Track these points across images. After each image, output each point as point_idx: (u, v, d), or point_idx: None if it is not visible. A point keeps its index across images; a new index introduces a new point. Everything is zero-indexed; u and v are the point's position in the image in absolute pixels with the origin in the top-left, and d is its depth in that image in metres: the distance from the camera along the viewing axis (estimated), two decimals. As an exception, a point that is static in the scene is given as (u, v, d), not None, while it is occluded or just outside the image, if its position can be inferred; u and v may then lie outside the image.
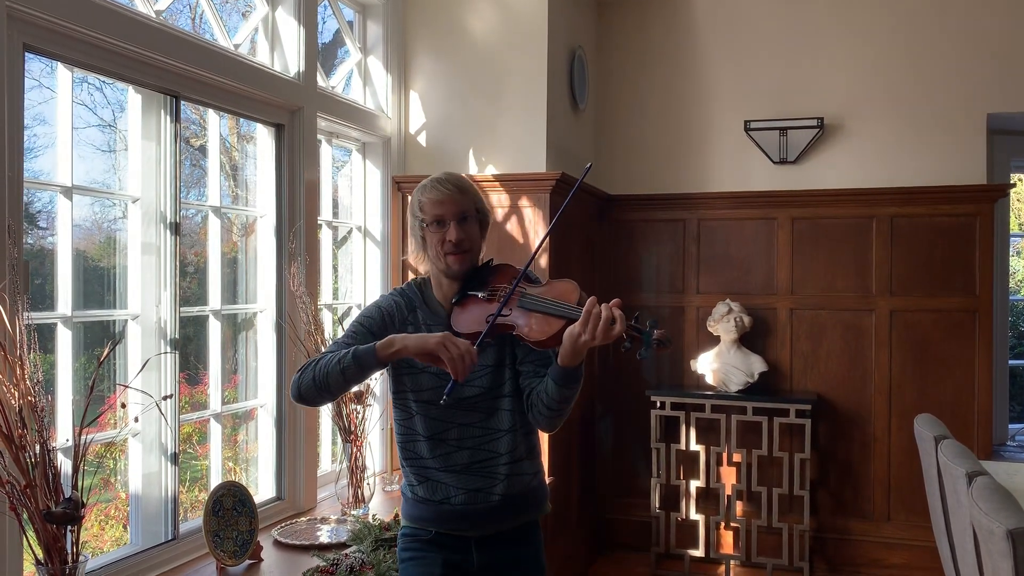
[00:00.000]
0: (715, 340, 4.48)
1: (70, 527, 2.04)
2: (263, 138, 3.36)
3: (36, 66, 2.50)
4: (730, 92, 4.62)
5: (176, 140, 2.79)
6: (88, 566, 2.23)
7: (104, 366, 2.34)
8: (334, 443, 3.80)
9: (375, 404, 3.70)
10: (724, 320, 4.36)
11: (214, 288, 3.15)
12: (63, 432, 2.39)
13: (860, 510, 4.41)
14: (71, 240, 2.51)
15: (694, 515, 4.47)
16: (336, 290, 3.99)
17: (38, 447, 2.03)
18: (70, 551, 2.05)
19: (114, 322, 2.77)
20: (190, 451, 3.62)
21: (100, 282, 2.84)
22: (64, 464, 2.15)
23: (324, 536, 3.01)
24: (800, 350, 4.49)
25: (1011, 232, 5.09)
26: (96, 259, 2.89)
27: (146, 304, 2.77)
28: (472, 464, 2.04)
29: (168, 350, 2.77)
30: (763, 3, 4.57)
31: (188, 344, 3.16)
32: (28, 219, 2.53)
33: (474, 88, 4.06)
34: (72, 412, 2.42)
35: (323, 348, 3.20)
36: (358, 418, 3.24)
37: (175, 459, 2.77)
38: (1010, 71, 4.22)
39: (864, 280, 4.40)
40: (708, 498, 4.47)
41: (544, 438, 3.86)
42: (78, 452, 2.07)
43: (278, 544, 2.93)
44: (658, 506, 4.47)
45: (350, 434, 3.22)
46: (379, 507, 3.37)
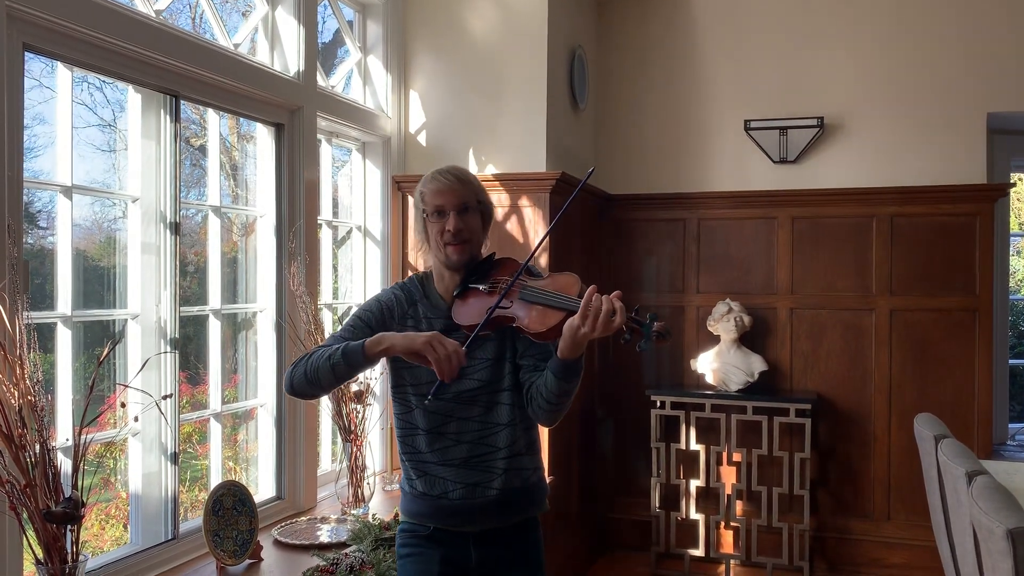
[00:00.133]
0: (715, 340, 4.48)
1: (70, 526, 2.04)
2: (263, 138, 3.36)
3: (36, 66, 2.50)
4: (730, 91, 4.62)
5: (176, 140, 2.79)
6: (88, 566, 2.23)
7: (104, 366, 2.34)
8: (334, 442, 3.80)
9: (375, 404, 3.70)
10: (724, 320, 4.36)
11: (214, 288, 3.15)
12: (63, 432, 2.39)
13: (860, 509, 4.41)
14: (71, 240, 2.51)
15: (694, 515, 4.47)
16: (336, 290, 3.99)
17: (38, 446, 2.03)
18: (70, 550, 2.05)
19: (114, 322, 2.77)
20: (190, 451, 3.62)
21: (100, 282, 2.84)
22: (64, 464, 2.15)
23: (324, 536, 3.01)
24: (800, 350, 4.49)
25: (1011, 231, 5.09)
26: (96, 259, 2.89)
27: (146, 304, 2.77)
28: (471, 458, 2.03)
29: (168, 350, 2.77)
30: (763, 2, 4.57)
31: (188, 344, 3.16)
32: (28, 219, 2.53)
33: (474, 88, 4.06)
34: (72, 412, 2.42)
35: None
36: (358, 418, 3.24)
37: (175, 459, 2.78)
38: (1010, 70, 4.22)
39: (864, 280, 4.40)
40: (708, 498, 4.47)
41: (544, 437, 3.86)
42: (78, 452, 2.07)
43: (278, 544, 2.93)
44: (658, 505, 4.47)
45: (350, 433, 3.22)
46: (379, 506, 3.37)
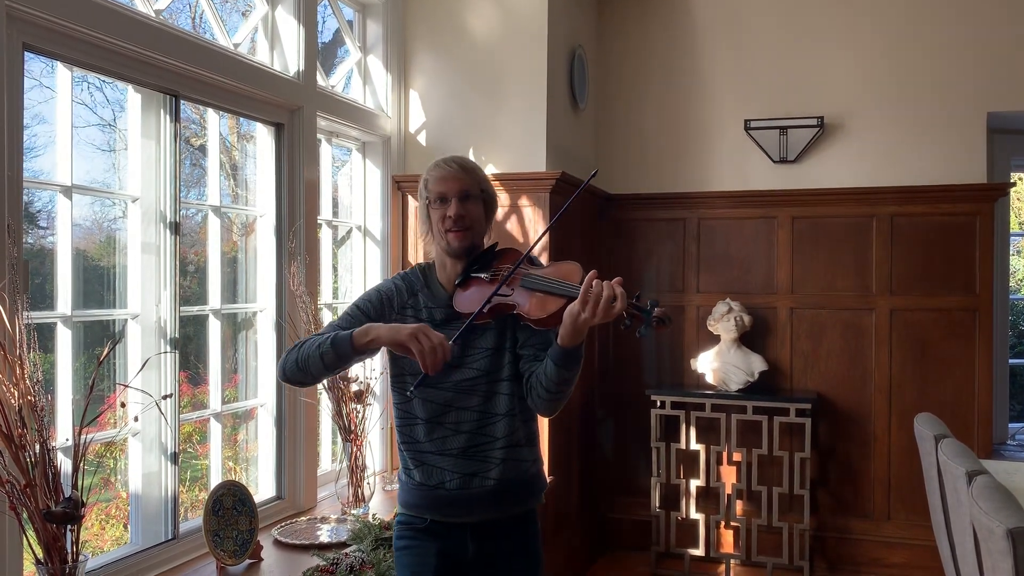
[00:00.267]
0: (715, 339, 4.48)
1: (70, 526, 2.04)
2: (263, 137, 3.36)
3: (36, 66, 2.50)
4: (730, 91, 4.62)
5: (176, 139, 2.79)
6: (88, 565, 2.23)
7: (104, 365, 2.34)
8: (334, 442, 3.80)
9: (375, 404, 3.70)
10: (724, 319, 4.36)
11: (214, 287, 3.15)
12: (63, 431, 2.39)
13: (860, 509, 4.41)
14: (71, 239, 2.51)
15: (694, 514, 4.47)
16: (336, 289, 3.99)
17: (38, 446, 2.03)
18: (70, 550, 2.05)
19: (114, 321, 2.77)
20: (190, 450, 3.62)
21: (100, 281, 2.84)
22: (64, 463, 2.15)
23: (324, 535, 3.01)
24: (800, 349, 4.49)
25: (1011, 231, 5.09)
26: (96, 258, 2.89)
27: (146, 303, 2.77)
28: (468, 448, 2.03)
29: (168, 349, 2.77)
30: (763, 2, 4.57)
31: (188, 343, 3.16)
32: (28, 218, 2.53)
33: (474, 87, 4.06)
34: (72, 411, 2.42)
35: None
36: (358, 417, 3.24)
37: (175, 458, 2.78)
38: (1010, 70, 4.22)
39: (864, 279, 4.40)
40: (708, 497, 4.47)
41: (544, 437, 3.86)
42: (78, 451, 2.07)
43: (278, 543, 2.93)
44: (658, 505, 4.47)
45: (350, 433, 3.22)
46: (379, 506, 3.37)
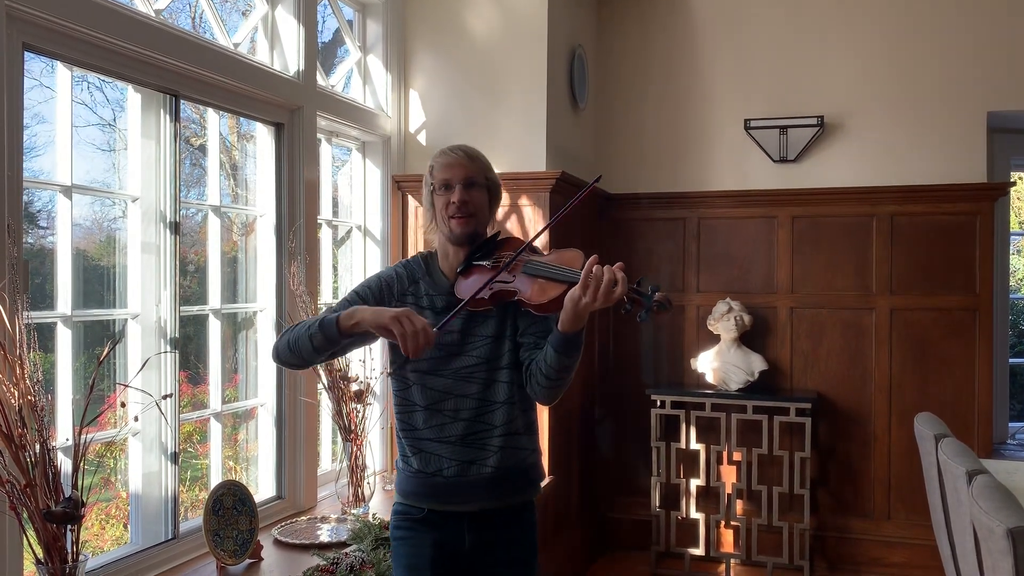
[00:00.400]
0: (715, 339, 4.48)
1: (70, 526, 2.04)
2: (263, 137, 3.36)
3: (36, 65, 2.50)
4: (730, 90, 4.61)
5: (176, 139, 2.79)
6: (88, 565, 2.24)
7: (104, 365, 2.34)
8: (334, 442, 3.80)
9: (375, 403, 3.70)
10: (724, 319, 4.36)
11: (214, 287, 3.15)
12: (63, 431, 2.39)
13: (860, 509, 4.41)
14: (71, 239, 2.51)
15: (694, 514, 4.47)
16: (336, 289, 3.99)
17: (38, 446, 2.03)
18: (70, 550, 2.05)
19: (114, 321, 2.77)
20: (190, 450, 3.62)
21: (100, 281, 2.84)
22: (64, 463, 2.15)
23: (324, 535, 3.01)
24: (800, 349, 4.49)
25: (1011, 230, 5.09)
26: (96, 258, 2.89)
27: (146, 303, 2.77)
28: (467, 435, 2.03)
29: (168, 349, 2.77)
30: (763, 2, 4.57)
31: (188, 343, 3.16)
32: (28, 218, 2.53)
33: (474, 87, 4.05)
34: (72, 411, 2.42)
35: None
36: (358, 417, 3.24)
37: (175, 458, 2.78)
38: (1010, 69, 4.22)
39: (864, 279, 4.40)
40: (708, 497, 4.47)
41: (544, 437, 3.87)
42: (78, 451, 2.07)
43: (278, 543, 2.93)
44: (658, 505, 4.47)
45: (350, 433, 3.22)
46: (379, 506, 3.36)
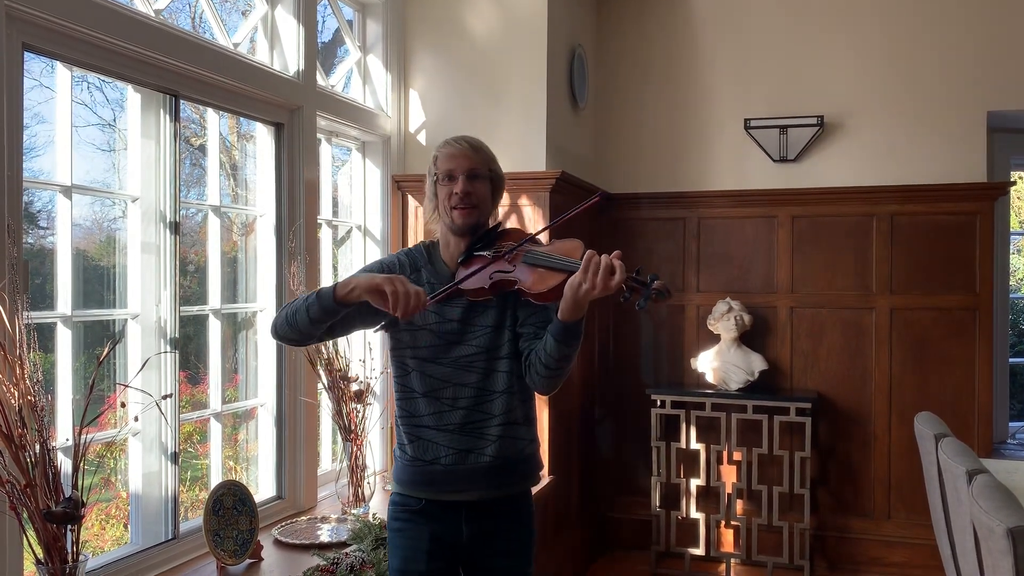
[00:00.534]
0: (715, 338, 4.48)
1: (70, 526, 2.04)
2: (263, 137, 3.36)
3: (36, 65, 2.50)
4: (730, 90, 4.61)
5: (176, 139, 2.79)
6: (88, 565, 2.23)
7: (104, 365, 2.34)
8: (334, 442, 3.80)
9: (375, 403, 3.70)
10: (724, 318, 4.36)
11: (214, 287, 3.15)
12: (63, 431, 2.39)
13: (860, 508, 4.41)
14: (71, 239, 2.51)
15: (694, 514, 4.47)
16: (336, 289, 3.99)
17: (38, 446, 2.03)
18: (70, 550, 2.05)
19: (114, 321, 2.77)
20: (190, 450, 3.62)
21: (100, 281, 2.84)
22: (64, 463, 2.15)
23: (324, 535, 3.01)
24: (800, 348, 4.49)
25: (1011, 230, 5.09)
26: (96, 258, 2.89)
27: (146, 303, 2.77)
28: (465, 424, 2.05)
29: (168, 349, 2.77)
30: (763, 1, 4.57)
31: (188, 343, 3.16)
32: (28, 219, 2.53)
33: (474, 87, 4.05)
34: (72, 411, 2.42)
35: (323, 347, 3.20)
36: (358, 417, 3.24)
37: (175, 458, 2.78)
38: (1010, 69, 4.21)
39: (864, 278, 4.40)
40: (708, 497, 4.47)
41: (545, 436, 3.87)
42: (78, 451, 2.07)
43: (278, 543, 2.93)
44: (658, 505, 4.47)
45: (350, 433, 3.22)
46: (379, 506, 3.36)
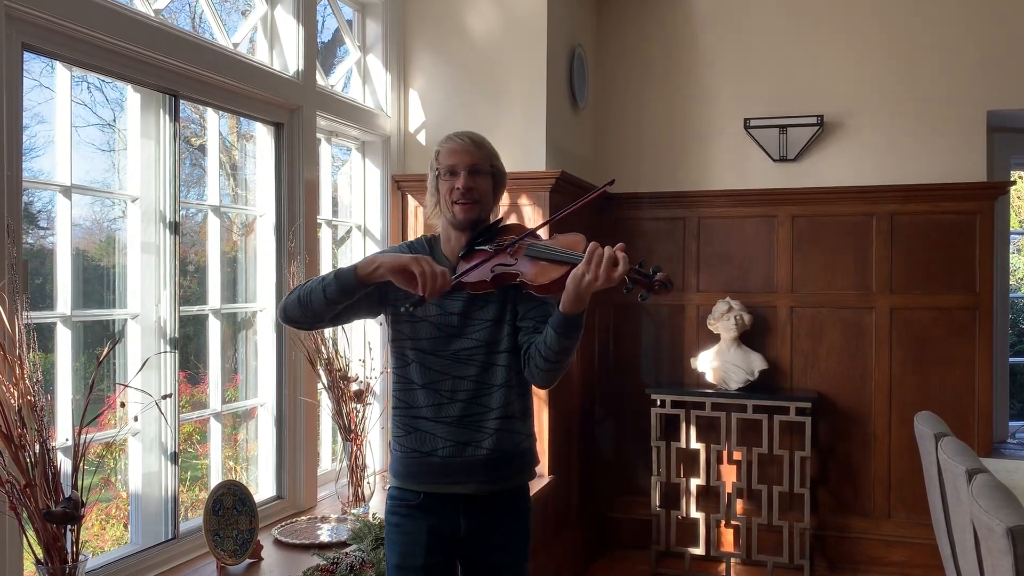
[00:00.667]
0: (715, 338, 4.48)
1: (70, 526, 2.04)
2: (262, 137, 3.36)
3: (35, 66, 2.50)
4: (730, 90, 4.61)
5: (175, 139, 2.79)
6: (88, 565, 2.24)
7: (104, 365, 2.34)
8: (334, 442, 3.80)
9: (375, 403, 3.70)
10: (724, 318, 4.36)
11: (214, 287, 3.15)
12: (63, 431, 2.39)
13: (860, 508, 4.41)
14: (70, 239, 2.51)
15: (694, 513, 4.47)
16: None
17: (37, 446, 2.03)
18: (70, 550, 2.05)
19: (114, 321, 2.77)
20: (190, 450, 3.62)
21: (100, 281, 2.84)
22: (64, 463, 2.15)
23: (324, 535, 3.01)
24: (800, 348, 4.49)
25: (1011, 229, 5.09)
26: (96, 258, 2.89)
27: (146, 303, 2.77)
28: (463, 417, 2.06)
29: (168, 349, 2.77)
30: (762, 1, 4.57)
31: (188, 343, 3.16)
32: (28, 219, 2.53)
33: (473, 86, 4.05)
34: (72, 411, 2.42)
35: (323, 347, 3.20)
36: (358, 417, 3.24)
37: (175, 458, 2.78)
38: (1010, 68, 4.21)
39: (864, 278, 4.40)
40: (708, 496, 4.47)
41: (545, 436, 3.87)
42: (78, 451, 2.07)
43: (278, 543, 2.93)
44: (658, 504, 4.47)
45: (350, 433, 3.22)
46: (379, 506, 3.36)
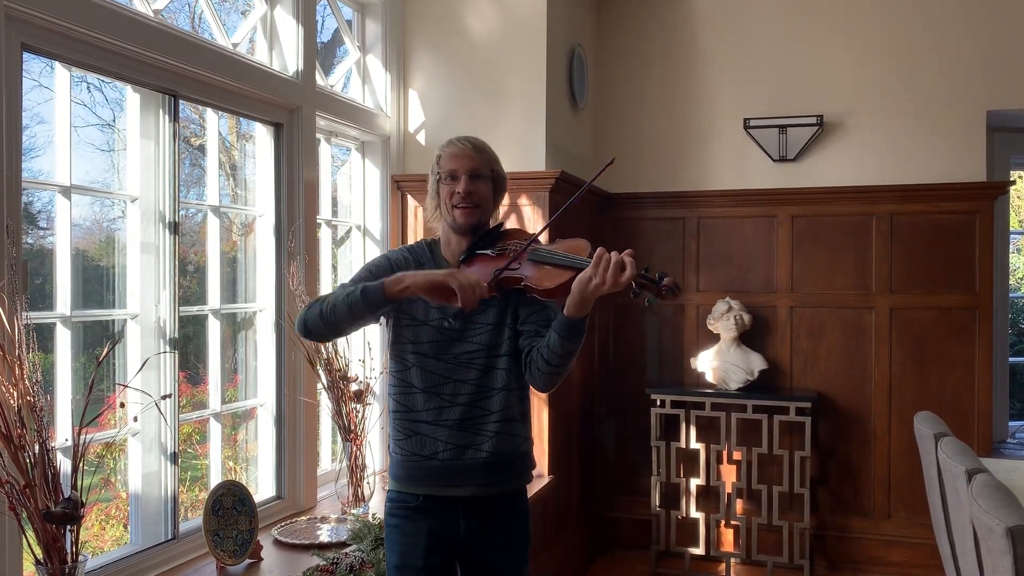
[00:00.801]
0: (715, 338, 4.48)
1: (69, 527, 2.04)
2: (262, 137, 3.36)
3: (35, 66, 2.50)
4: (729, 90, 4.61)
5: (175, 139, 2.79)
6: (88, 566, 2.23)
7: (103, 366, 2.34)
8: (334, 442, 3.80)
9: (375, 403, 3.70)
10: (724, 318, 4.36)
11: (213, 287, 3.15)
12: (62, 432, 2.39)
13: (860, 508, 4.41)
14: (70, 240, 2.51)
15: (694, 513, 4.47)
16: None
17: (37, 447, 2.03)
18: (69, 551, 2.05)
19: (113, 321, 2.77)
20: (190, 450, 3.62)
21: (99, 281, 2.84)
22: (63, 464, 2.15)
23: (324, 535, 3.01)
24: (800, 348, 4.49)
25: (1011, 229, 5.09)
26: (95, 258, 2.89)
27: (145, 303, 2.76)
28: (463, 420, 2.07)
29: (167, 349, 2.77)
30: (762, 1, 4.57)
31: (188, 343, 3.16)
32: (27, 219, 2.53)
33: (473, 87, 4.05)
34: (71, 412, 2.42)
35: (323, 347, 3.20)
36: (358, 417, 3.24)
37: (175, 458, 2.77)
38: (1010, 68, 4.21)
39: (864, 278, 4.40)
40: (708, 496, 4.47)
41: (544, 436, 3.86)
42: (77, 452, 2.07)
43: (278, 543, 2.93)
44: (658, 504, 4.47)
45: (350, 433, 3.22)
46: (379, 506, 3.35)
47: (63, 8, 2.32)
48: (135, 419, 2.63)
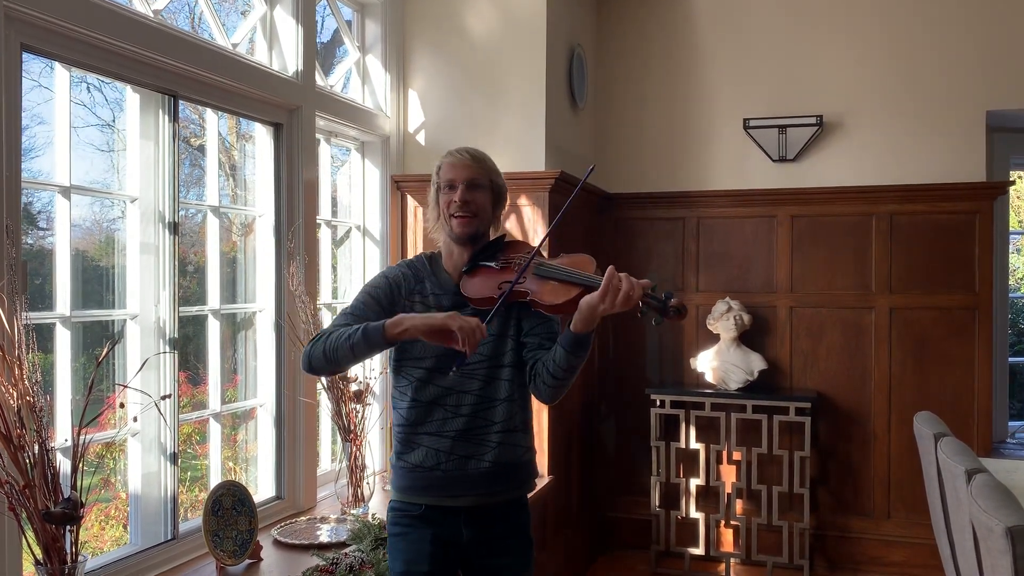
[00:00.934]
0: (715, 338, 4.48)
1: (69, 527, 2.04)
2: (262, 137, 3.36)
3: (34, 66, 2.50)
4: (729, 90, 4.61)
5: (175, 139, 2.79)
6: (88, 566, 2.23)
7: (103, 366, 2.34)
8: (334, 442, 3.80)
9: (375, 404, 3.70)
10: (724, 318, 4.36)
11: (213, 287, 3.15)
12: (62, 432, 2.39)
13: (860, 508, 4.41)
14: (70, 240, 2.51)
15: (694, 513, 4.47)
16: (335, 289, 3.99)
17: (37, 447, 2.03)
18: (69, 551, 2.05)
19: (113, 322, 2.77)
20: (190, 451, 3.62)
21: (99, 282, 2.84)
22: (63, 464, 2.15)
23: (324, 535, 3.01)
24: (800, 348, 4.49)
25: (1011, 229, 5.09)
26: (95, 259, 2.89)
27: (145, 304, 2.77)
28: (466, 431, 2.07)
29: (167, 350, 2.77)
30: (762, 1, 4.57)
31: (187, 344, 3.16)
32: (27, 219, 2.53)
33: (473, 87, 4.05)
34: (71, 412, 2.42)
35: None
36: (358, 417, 3.24)
37: (175, 459, 2.77)
38: (1010, 69, 4.21)
39: (864, 278, 4.40)
40: (708, 496, 4.47)
41: (544, 436, 3.86)
42: (77, 452, 2.07)
43: (278, 543, 2.93)
44: (658, 504, 4.47)
45: (350, 433, 3.22)
46: (379, 506, 3.36)
47: (63, 8, 2.32)
48: (135, 419, 2.63)
